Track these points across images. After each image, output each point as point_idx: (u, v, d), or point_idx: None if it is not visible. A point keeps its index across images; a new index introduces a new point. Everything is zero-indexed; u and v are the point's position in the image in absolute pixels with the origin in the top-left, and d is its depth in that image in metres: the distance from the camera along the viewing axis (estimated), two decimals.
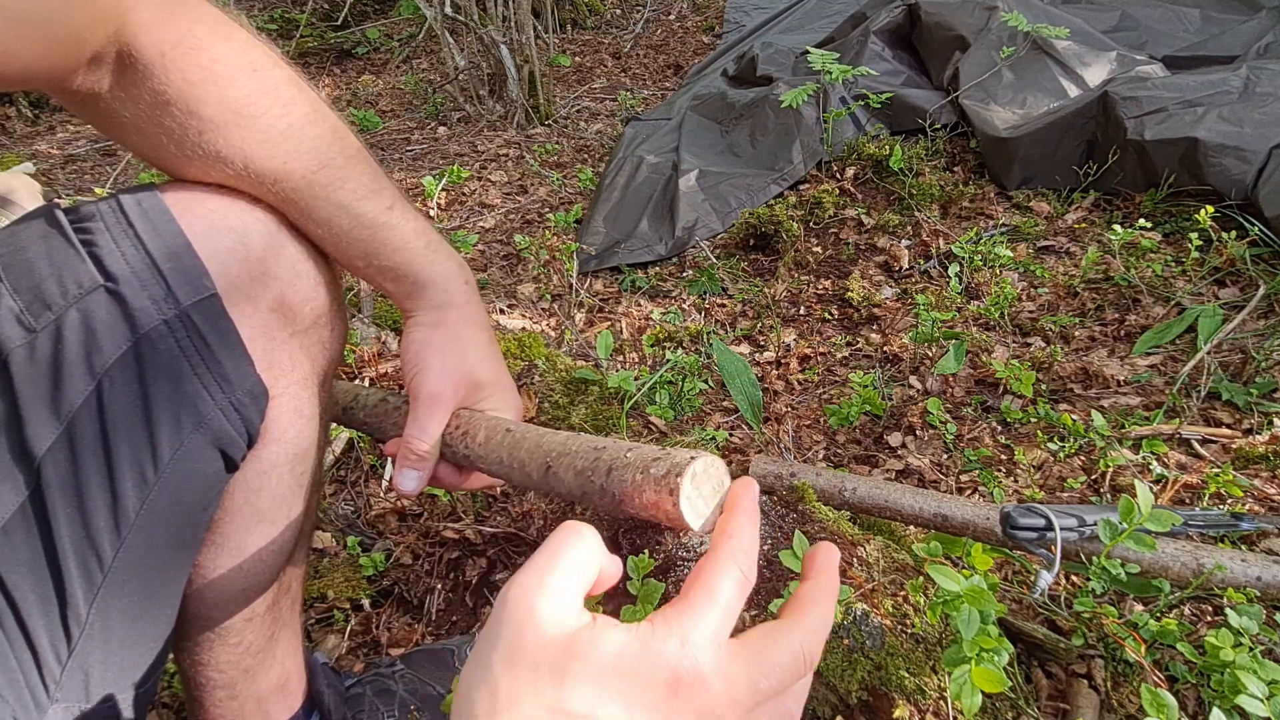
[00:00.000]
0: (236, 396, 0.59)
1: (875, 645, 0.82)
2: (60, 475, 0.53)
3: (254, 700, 0.76)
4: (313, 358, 0.67)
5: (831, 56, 2.33)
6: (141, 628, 0.60)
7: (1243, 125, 1.80)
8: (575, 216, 2.53)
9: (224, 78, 0.57)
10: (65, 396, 0.52)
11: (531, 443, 0.60)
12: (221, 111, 0.57)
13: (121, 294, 0.53)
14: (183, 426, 0.57)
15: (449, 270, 0.71)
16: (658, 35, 4.62)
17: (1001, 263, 1.85)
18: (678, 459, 0.48)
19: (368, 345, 1.70)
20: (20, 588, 0.53)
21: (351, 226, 0.65)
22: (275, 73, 0.61)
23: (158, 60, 0.54)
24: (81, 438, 0.53)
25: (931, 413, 1.43)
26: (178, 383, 0.56)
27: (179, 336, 0.55)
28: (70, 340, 0.52)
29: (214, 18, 0.58)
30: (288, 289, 0.63)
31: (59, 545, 0.53)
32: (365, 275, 0.70)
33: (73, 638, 0.55)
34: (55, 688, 0.55)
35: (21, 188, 1.40)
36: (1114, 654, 0.84)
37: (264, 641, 0.75)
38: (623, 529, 1.08)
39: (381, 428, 0.77)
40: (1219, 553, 0.87)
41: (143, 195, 0.57)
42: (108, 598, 0.56)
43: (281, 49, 0.65)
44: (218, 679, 0.73)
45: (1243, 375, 1.42)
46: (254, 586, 0.71)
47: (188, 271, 0.56)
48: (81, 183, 3.25)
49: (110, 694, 0.58)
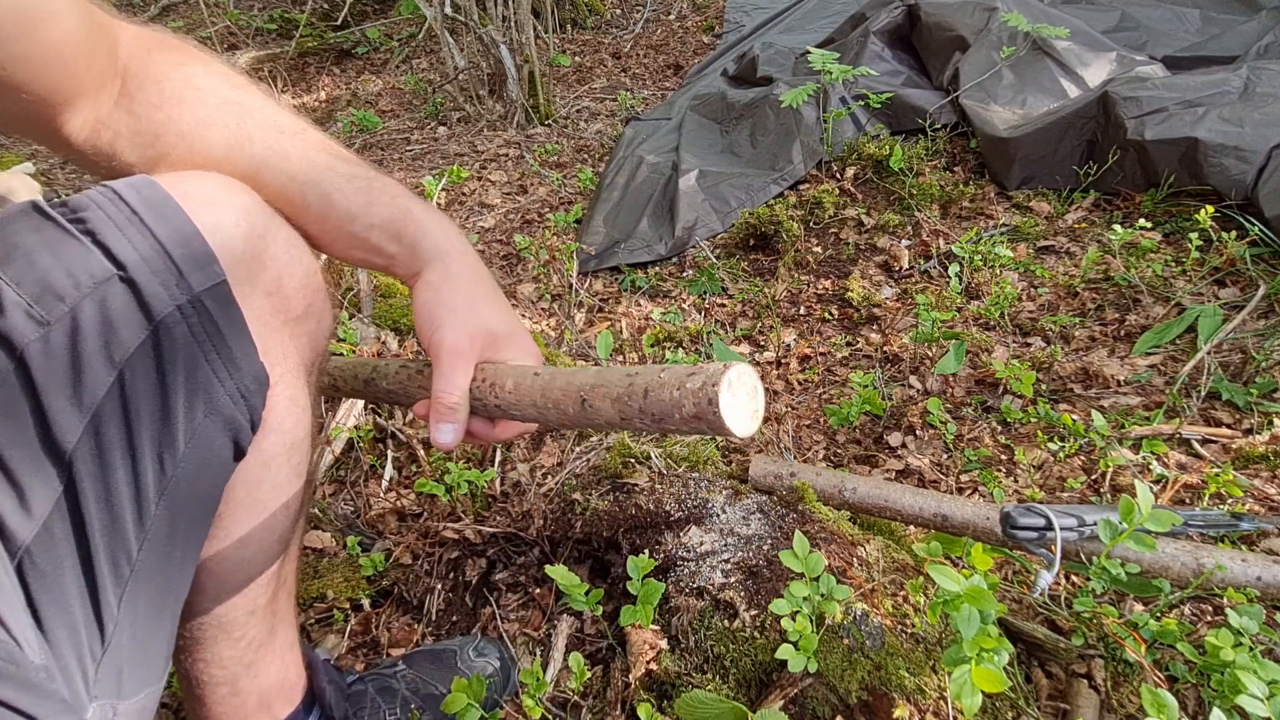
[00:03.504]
0: (244, 382, 0.59)
1: (875, 645, 0.82)
2: (89, 468, 0.52)
3: (256, 696, 0.76)
4: (301, 348, 0.68)
5: (831, 56, 2.33)
6: (161, 622, 0.60)
7: (1243, 125, 1.80)
8: (575, 216, 2.53)
9: (203, 60, 0.65)
10: (87, 388, 0.52)
11: (563, 381, 0.62)
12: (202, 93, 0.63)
13: (135, 281, 0.53)
14: (196, 413, 0.57)
15: (444, 221, 0.72)
16: (658, 35, 4.62)
17: (1001, 263, 1.85)
18: (712, 370, 0.50)
19: (367, 345, 1.70)
20: (65, 585, 0.52)
21: (345, 183, 0.67)
22: (228, 67, 0.68)
23: (146, 57, 0.61)
24: (106, 430, 0.53)
25: (931, 413, 1.43)
26: (192, 369, 0.56)
27: (192, 323, 0.55)
28: (88, 331, 0.51)
29: (173, 39, 0.67)
30: (284, 272, 0.63)
31: (91, 540, 0.53)
32: (363, 243, 0.70)
33: (106, 634, 0.55)
34: (94, 684, 0.54)
35: (21, 188, 1.40)
36: (1114, 654, 0.84)
37: (265, 635, 0.75)
38: (623, 529, 1.08)
39: (406, 392, 0.77)
40: (1219, 553, 0.87)
41: (139, 182, 0.56)
42: (135, 591, 0.56)
43: (281, 49, 0.70)
44: (220, 675, 0.73)
45: (1243, 375, 1.42)
46: (256, 579, 0.71)
47: (198, 257, 0.56)
48: (81, 183, 3.25)
49: (138, 689, 0.58)
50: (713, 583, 0.91)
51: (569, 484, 1.20)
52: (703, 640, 0.87)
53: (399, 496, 1.35)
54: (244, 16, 4.98)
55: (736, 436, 0.49)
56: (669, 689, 0.86)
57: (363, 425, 1.46)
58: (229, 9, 5.05)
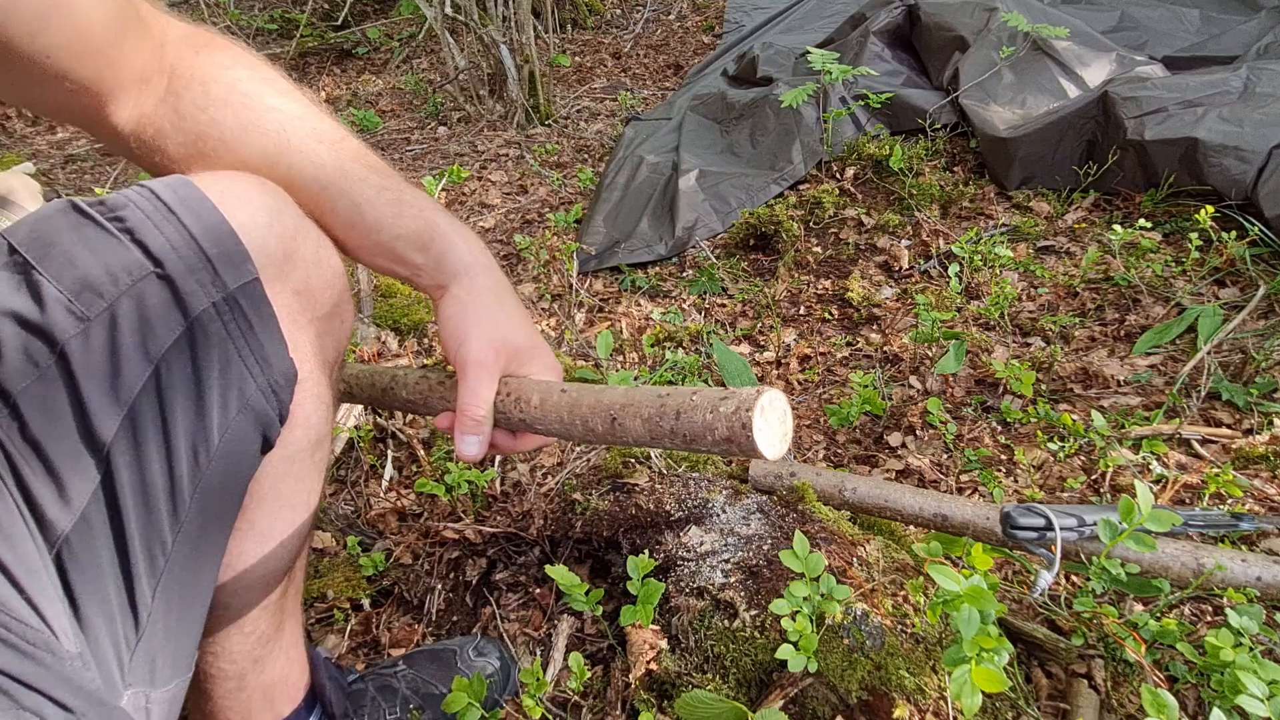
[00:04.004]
0: (274, 378, 0.61)
1: (875, 645, 0.82)
2: (126, 461, 0.54)
3: (260, 691, 0.76)
4: (324, 347, 0.69)
5: (832, 56, 2.33)
6: (193, 611, 0.61)
7: (1243, 125, 1.80)
8: (575, 216, 2.53)
9: (249, 64, 0.66)
10: (125, 383, 0.53)
11: (591, 399, 0.63)
12: (247, 99, 0.64)
13: (171, 278, 0.54)
14: (230, 408, 0.58)
15: (469, 236, 0.73)
16: (658, 35, 4.62)
17: (1001, 263, 1.85)
18: (745, 395, 0.52)
19: (367, 345, 1.70)
20: (103, 576, 0.53)
21: (375, 194, 0.68)
22: (275, 71, 0.69)
23: (194, 58, 0.63)
24: (142, 423, 0.54)
25: (931, 413, 1.43)
26: (226, 365, 0.57)
27: (226, 319, 0.57)
28: (125, 327, 0.53)
29: (222, 39, 0.68)
30: (312, 272, 0.65)
31: (128, 532, 0.54)
32: (389, 252, 0.71)
33: (140, 623, 0.56)
34: (128, 672, 0.55)
35: (21, 188, 1.40)
36: (1114, 654, 0.84)
37: (273, 631, 0.76)
38: (623, 529, 1.08)
39: (427, 403, 0.78)
40: (1219, 553, 0.87)
41: (174, 182, 0.58)
42: (169, 582, 0.57)
43: (281, 49, 0.71)
44: (228, 669, 0.74)
45: (1243, 375, 1.42)
46: (273, 573, 0.72)
47: (232, 255, 0.57)
48: (81, 183, 3.25)
49: (169, 679, 0.59)
50: (713, 583, 0.91)
51: (569, 484, 1.20)
52: (703, 640, 0.87)
53: (399, 496, 1.35)
54: (244, 16, 4.98)
55: (767, 459, 0.51)
56: (669, 689, 0.86)
57: (363, 425, 1.46)
58: (229, 9, 5.05)
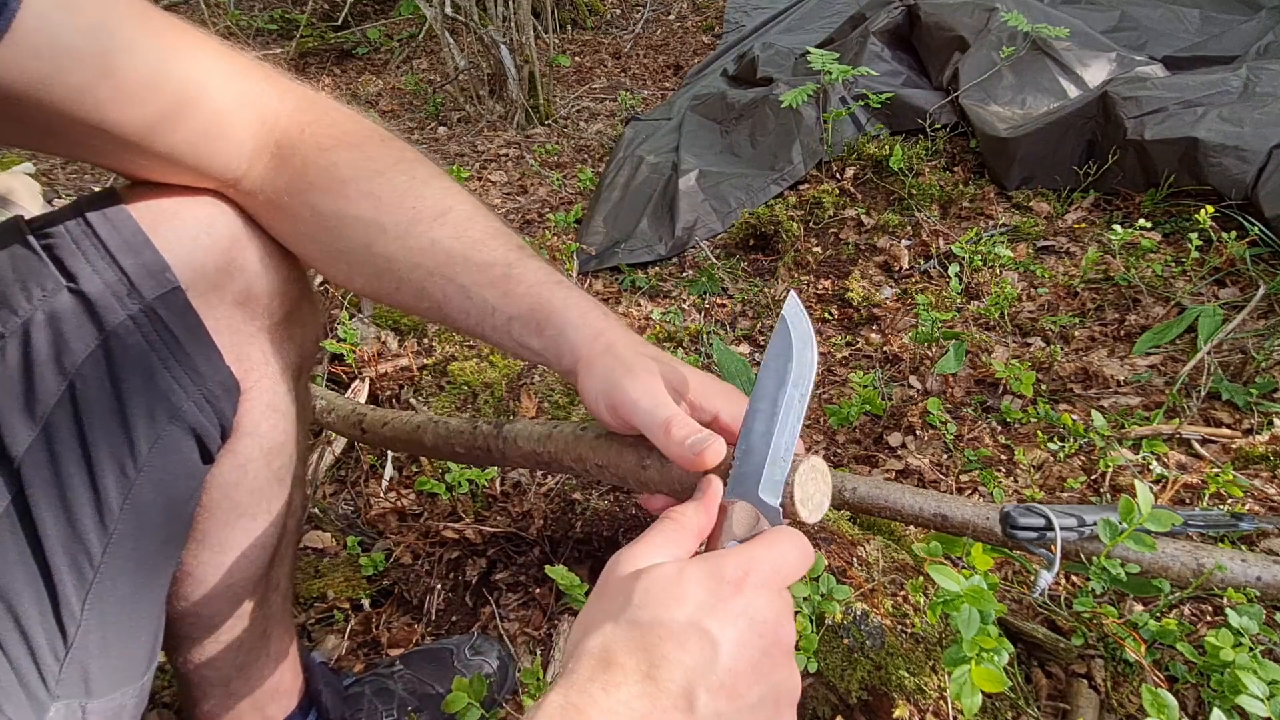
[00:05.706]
0: (208, 388, 0.60)
1: (875, 645, 0.82)
2: (41, 475, 0.54)
3: (250, 699, 0.76)
4: (284, 353, 0.68)
5: (831, 57, 2.33)
6: (136, 622, 0.61)
7: (1243, 125, 1.80)
8: (575, 216, 2.53)
9: (353, 143, 0.64)
10: (39, 397, 0.53)
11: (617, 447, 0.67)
12: (344, 187, 0.63)
13: (85, 293, 0.54)
14: (157, 420, 0.58)
15: (584, 305, 0.64)
16: (658, 35, 4.62)
17: (1001, 263, 1.85)
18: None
19: (367, 345, 1.70)
20: (13, 589, 0.54)
21: (480, 274, 0.64)
22: (379, 145, 0.67)
23: (298, 136, 0.62)
24: (59, 437, 0.54)
25: (931, 413, 1.43)
26: (149, 377, 0.57)
27: (146, 331, 0.57)
28: (39, 342, 0.53)
29: (340, 106, 0.67)
30: (254, 281, 0.63)
31: (46, 544, 0.54)
32: (506, 335, 0.65)
33: (69, 635, 0.56)
34: (55, 685, 0.55)
35: (21, 188, 1.40)
36: (1114, 654, 0.84)
37: (256, 639, 0.75)
38: (623, 528, 1.08)
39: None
40: (1219, 553, 0.87)
41: (103, 196, 0.59)
42: (101, 593, 0.57)
43: (282, 49, 0.69)
44: (213, 677, 0.74)
45: (1243, 375, 1.42)
46: (240, 583, 0.71)
47: (149, 266, 0.57)
48: (81, 183, 3.25)
49: (110, 689, 0.59)
50: None
51: (569, 484, 1.20)
52: None
53: (399, 496, 1.35)
54: (244, 17, 4.98)
55: (808, 524, 0.53)
56: None
57: None
58: (230, 9, 5.05)
